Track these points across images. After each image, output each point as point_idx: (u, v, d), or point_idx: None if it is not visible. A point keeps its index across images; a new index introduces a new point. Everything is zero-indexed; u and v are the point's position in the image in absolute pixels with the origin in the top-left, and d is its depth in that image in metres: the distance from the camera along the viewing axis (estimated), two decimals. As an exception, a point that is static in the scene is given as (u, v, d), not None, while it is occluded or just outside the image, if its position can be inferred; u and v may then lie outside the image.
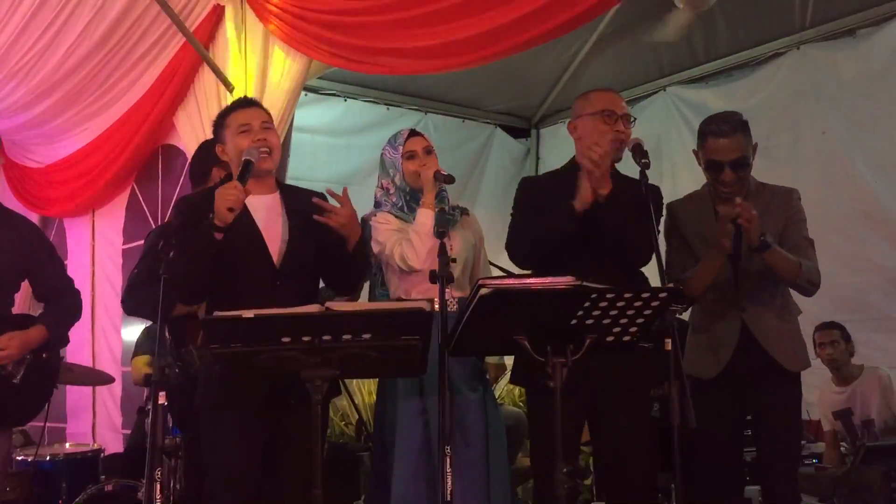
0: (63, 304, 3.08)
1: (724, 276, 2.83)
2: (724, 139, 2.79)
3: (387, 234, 3.05)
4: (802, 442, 3.79)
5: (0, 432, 2.89)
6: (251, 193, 2.56)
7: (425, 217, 2.97)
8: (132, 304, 3.28)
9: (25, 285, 3.16)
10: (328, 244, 2.62)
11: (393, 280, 3.13)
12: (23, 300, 3.42)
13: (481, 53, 3.47)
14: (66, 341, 3.27)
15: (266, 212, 2.67)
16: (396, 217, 3.09)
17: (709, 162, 2.84)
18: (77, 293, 3.21)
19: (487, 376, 3.17)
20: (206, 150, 3.49)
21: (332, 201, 2.63)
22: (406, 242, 2.97)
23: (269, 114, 2.78)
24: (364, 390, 5.25)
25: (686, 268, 2.86)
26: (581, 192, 2.65)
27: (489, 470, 2.91)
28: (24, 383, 2.92)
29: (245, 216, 2.60)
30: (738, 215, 2.58)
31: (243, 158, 2.55)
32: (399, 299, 3.02)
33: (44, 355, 2.99)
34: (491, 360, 3.17)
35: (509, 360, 3.20)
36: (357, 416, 5.04)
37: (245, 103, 2.78)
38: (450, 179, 3.03)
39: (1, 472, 2.91)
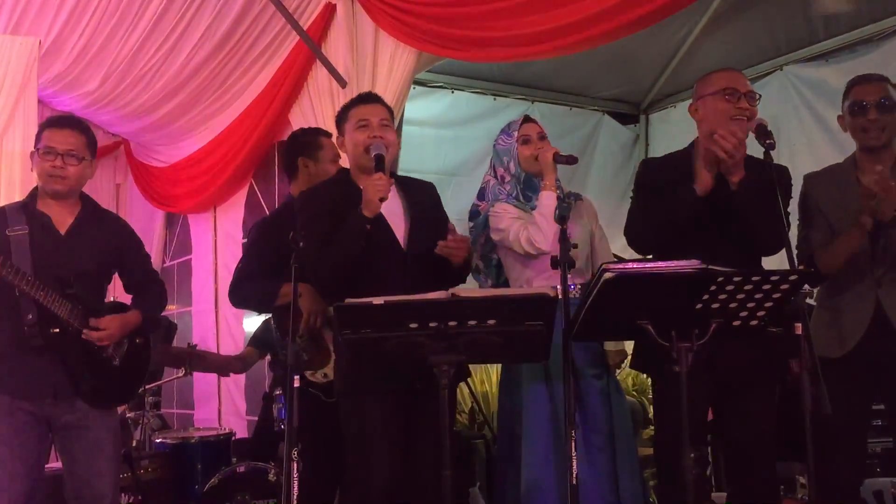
0: (152, 293, 3.22)
1: (861, 249, 2.71)
2: (870, 84, 2.80)
3: (508, 221, 3.08)
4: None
5: (107, 411, 3.01)
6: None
7: (549, 199, 2.96)
8: (236, 298, 3.48)
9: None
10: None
11: (516, 267, 3.16)
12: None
13: (588, 33, 3.43)
14: (157, 327, 3.42)
15: (387, 202, 2.72)
16: (516, 206, 3.13)
17: (853, 106, 2.80)
18: (162, 283, 3.36)
19: (609, 363, 3.16)
20: (290, 142, 3.69)
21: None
22: (532, 226, 2.97)
23: (390, 111, 2.84)
24: (476, 379, 5.29)
25: (821, 243, 2.76)
26: (700, 176, 2.62)
27: (615, 455, 2.92)
28: (123, 365, 3.04)
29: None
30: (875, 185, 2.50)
31: (374, 154, 2.63)
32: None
33: (137, 340, 3.11)
34: (610, 346, 3.16)
35: (629, 346, 3.19)
36: (470, 405, 5.10)
37: (367, 99, 2.85)
38: (572, 160, 3.02)
39: (120, 453, 3.05)
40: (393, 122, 2.84)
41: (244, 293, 3.43)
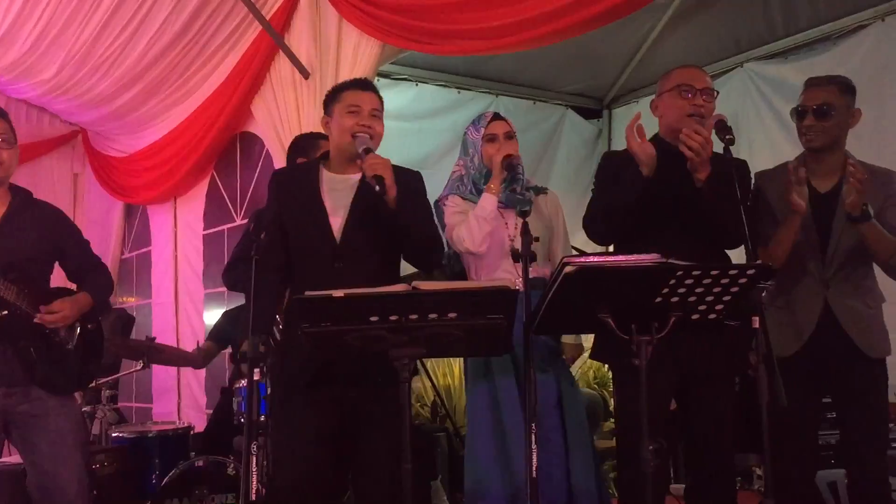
0: (97, 277, 3.18)
1: (811, 249, 2.79)
2: (817, 89, 2.86)
3: (452, 216, 3.11)
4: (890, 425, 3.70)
5: (65, 398, 2.96)
6: (337, 173, 2.71)
7: (487, 201, 3.00)
8: (228, 280, 3.64)
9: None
10: (386, 216, 2.57)
11: (465, 260, 3.18)
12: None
13: (552, 27, 3.42)
14: (106, 311, 3.39)
15: (343, 191, 2.69)
16: (464, 199, 3.14)
17: (796, 109, 2.88)
18: (106, 268, 3.33)
19: (564, 357, 3.18)
20: (290, 147, 3.68)
21: None
22: (464, 224, 3.00)
23: (381, 101, 2.75)
24: (439, 372, 5.29)
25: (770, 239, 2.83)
26: (641, 156, 2.64)
27: (566, 441, 2.93)
28: (78, 350, 3.01)
29: (315, 196, 2.66)
30: (850, 175, 2.57)
31: (361, 148, 2.56)
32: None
33: (90, 325, 3.08)
34: (567, 340, 3.17)
35: (587, 340, 3.21)
36: (432, 398, 5.10)
37: (362, 85, 2.76)
38: (515, 161, 3.04)
39: (84, 440, 2.99)
40: (383, 112, 2.76)
41: (234, 276, 3.55)
